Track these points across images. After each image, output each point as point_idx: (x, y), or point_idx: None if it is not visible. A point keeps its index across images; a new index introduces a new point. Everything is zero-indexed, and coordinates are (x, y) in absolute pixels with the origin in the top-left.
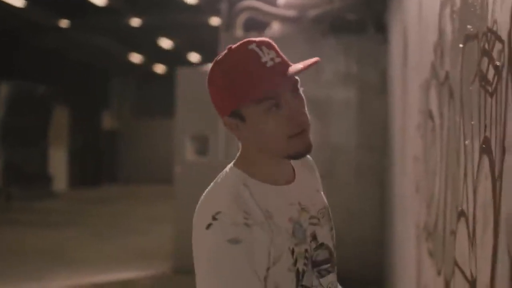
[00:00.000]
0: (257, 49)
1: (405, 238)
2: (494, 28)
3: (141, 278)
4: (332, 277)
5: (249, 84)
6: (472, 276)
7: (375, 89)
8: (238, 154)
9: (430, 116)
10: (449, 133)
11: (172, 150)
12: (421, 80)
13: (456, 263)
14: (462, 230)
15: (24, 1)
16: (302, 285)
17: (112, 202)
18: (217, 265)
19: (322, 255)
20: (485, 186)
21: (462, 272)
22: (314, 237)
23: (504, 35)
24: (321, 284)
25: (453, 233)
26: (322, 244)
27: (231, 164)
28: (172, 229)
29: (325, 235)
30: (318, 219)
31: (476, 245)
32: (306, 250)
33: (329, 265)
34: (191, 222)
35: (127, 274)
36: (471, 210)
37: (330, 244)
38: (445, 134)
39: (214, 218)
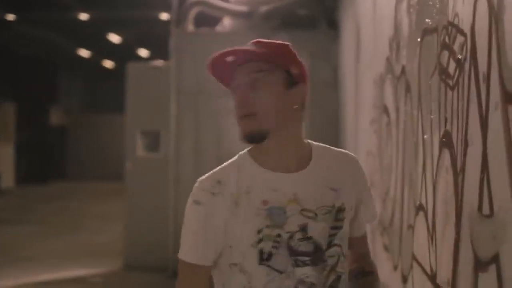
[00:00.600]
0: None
1: None
2: (456, 22)
3: (91, 275)
4: (309, 271)
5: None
6: (432, 270)
7: (327, 85)
8: None
9: (385, 111)
10: (405, 128)
11: (123, 146)
12: (375, 75)
13: (414, 258)
14: (420, 225)
15: None
16: (268, 266)
17: (61, 199)
18: (185, 220)
19: (305, 247)
20: (446, 180)
21: (421, 267)
22: (303, 229)
23: (466, 28)
24: (293, 273)
25: (411, 227)
26: (309, 238)
27: None
28: (123, 226)
29: (319, 231)
30: (316, 214)
31: (437, 240)
32: (279, 235)
33: (309, 258)
34: (142, 218)
35: (77, 271)
36: (430, 204)
37: (322, 241)
38: (402, 129)
39: (196, 183)
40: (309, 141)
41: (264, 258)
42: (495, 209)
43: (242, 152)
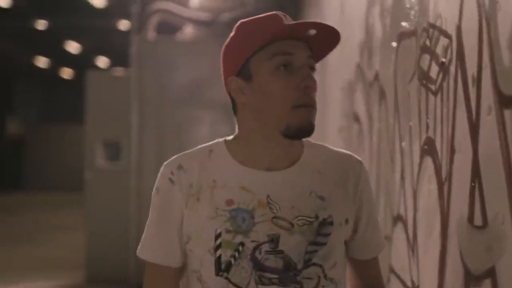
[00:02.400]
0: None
1: None
2: (438, 23)
3: None
4: None
5: (260, 28)
6: (413, 283)
7: None
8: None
9: (356, 119)
10: (380, 135)
11: (82, 156)
12: (343, 82)
13: (392, 270)
14: (399, 236)
15: None
16: (227, 278)
17: (17, 210)
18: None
19: (273, 262)
20: (428, 188)
21: (400, 280)
22: (273, 240)
23: (451, 29)
24: None
25: (388, 238)
26: (280, 252)
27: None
28: (83, 237)
29: (293, 245)
30: (291, 224)
31: (419, 252)
32: (241, 243)
33: (277, 276)
34: (103, 229)
35: (37, 283)
36: (410, 215)
37: (297, 258)
38: (376, 137)
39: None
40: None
41: (222, 269)
42: (489, 220)
43: (220, 139)
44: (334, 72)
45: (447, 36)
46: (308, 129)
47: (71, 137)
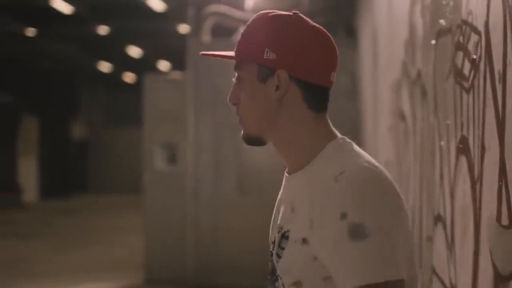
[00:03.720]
0: None
1: None
2: (469, 20)
3: None
4: None
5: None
6: (451, 284)
7: (345, 94)
8: None
9: (402, 117)
10: (422, 134)
11: (141, 158)
12: (392, 80)
13: (434, 271)
14: (439, 236)
15: None
16: (274, 274)
17: (81, 212)
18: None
19: (270, 263)
20: (463, 188)
21: (441, 280)
22: (273, 241)
23: (480, 26)
24: None
25: (430, 239)
26: (271, 254)
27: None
28: (142, 238)
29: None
30: (278, 229)
31: (455, 252)
32: (272, 240)
33: (269, 278)
34: (162, 231)
35: (96, 285)
36: (449, 214)
37: (275, 264)
38: (419, 136)
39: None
40: (334, 142)
41: (270, 265)
42: None
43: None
44: (384, 71)
45: (477, 32)
46: (244, 140)
47: (132, 140)
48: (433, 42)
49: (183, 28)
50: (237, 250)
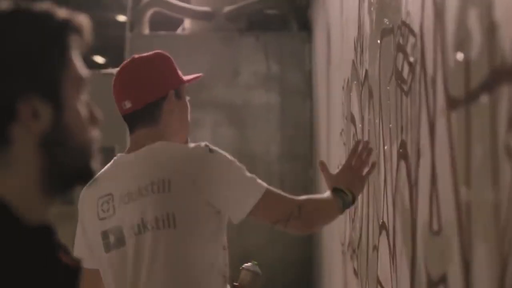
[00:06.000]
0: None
1: (332, 257)
2: (408, 21)
3: None
4: None
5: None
6: None
7: (299, 92)
8: (153, 134)
9: (352, 120)
10: (369, 139)
11: None
12: (343, 80)
13: (378, 281)
14: (383, 245)
15: None
16: None
17: None
18: None
19: None
20: (403, 195)
21: None
22: None
23: (416, 28)
24: None
25: (376, 248)
26: None
27: (167, 142)
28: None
29: None
30: None
31: (396, 260)
32: None
33: None
34: None
35: None
36: (391, 221)
37: None
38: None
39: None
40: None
41: None
42: (443, 224)
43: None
44: (337, 69)
45: (414, 34)
46: None
47: None
48: (379, 41)
49: (121, 18)
50: None
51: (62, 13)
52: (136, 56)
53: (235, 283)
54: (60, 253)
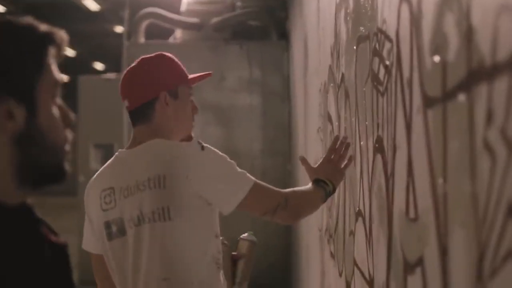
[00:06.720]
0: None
1: (310, 242)
2: (384, 28)
3: None
4: None
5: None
6: (370, 275)
7: (278, 95)
8: (150, 132)
9: (329, 119)
10: (346, 134)
11: (76, 159)
12: (320, 84)
13: (355, 263)
14: (360, 230)
15: None
16: None
17: None
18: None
19: None
20: (379, 185)
21: (361, 272)
22: None
23: (392, 34)
24: None
25: (352, 233)
26: None
27: (163, 140)
28: (77, 240)
29: None
30: None
31: (373, 245)
32: None
33: None
34: None
35: None
36: (367, 209)
37: None
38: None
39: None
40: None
41: None
42: (419, 213)
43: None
44: (314, 74)
45: (390, 40)
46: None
47: None
48: (355, 47)
49: (119, 29)
50: None
51: (43, 27)
52: (144, 56)
53: (233, 253)
54: (43, 229)
